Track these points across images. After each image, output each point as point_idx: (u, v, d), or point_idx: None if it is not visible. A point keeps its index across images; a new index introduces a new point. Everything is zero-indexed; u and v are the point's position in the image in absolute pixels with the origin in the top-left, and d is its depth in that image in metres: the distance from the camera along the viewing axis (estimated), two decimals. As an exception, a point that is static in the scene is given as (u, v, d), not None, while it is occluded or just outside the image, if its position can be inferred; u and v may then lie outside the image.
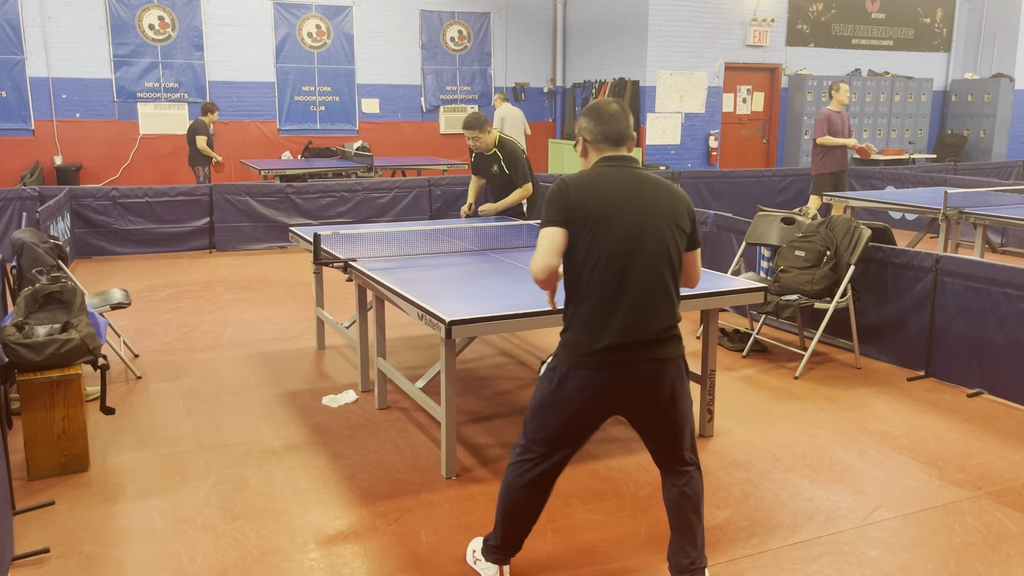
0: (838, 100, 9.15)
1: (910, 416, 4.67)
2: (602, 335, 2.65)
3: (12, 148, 12.56)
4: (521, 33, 15.60)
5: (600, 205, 2.65)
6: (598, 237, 2.63)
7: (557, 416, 2.76)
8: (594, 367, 2.67)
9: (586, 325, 2.68)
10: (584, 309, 2.68)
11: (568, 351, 2.72)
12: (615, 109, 2.79)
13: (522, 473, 2.85)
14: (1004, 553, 3.27)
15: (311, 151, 13.73)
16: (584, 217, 2.64)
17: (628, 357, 2.66)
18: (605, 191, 2.68)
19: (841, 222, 5.55)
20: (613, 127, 2.76)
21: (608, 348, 2.65)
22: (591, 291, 2.66)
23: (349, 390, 5.00)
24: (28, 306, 4.20)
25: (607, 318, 2.65)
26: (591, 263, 2.65)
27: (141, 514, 3.54)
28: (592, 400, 2.72)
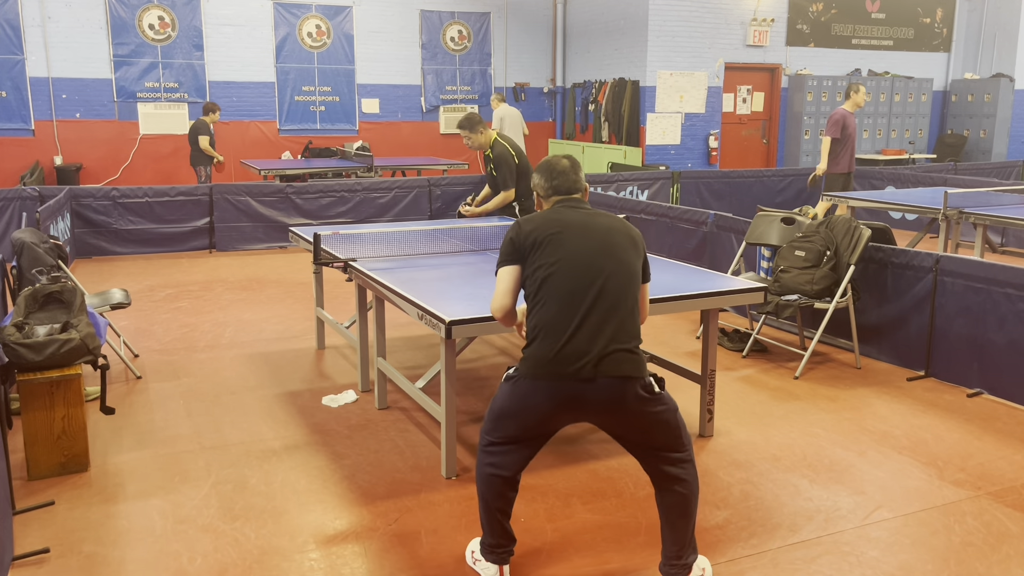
0: (854, 102, 9.13)
1: (910, 416, 4.67)
2: (559, 348, 2.74)
3: (12, 148, 12.56)
4: (521, 33, 15.60)
5: (551, 231, 2.87)
6: (551, 256, 2.82)
7: (516, 422, 2.88)
8: (551, 379, 2.76)
9: (545, 338, 2.78)
10: (542, 323, 2.80)
11: (527, 363, 2.82)
12: (565, 165, 3.07)
13: (489, 463, 2.95)
14: (1004, 553, 3.27)
15: (311, 151, 13.73)
16: (534, 243, 2.86)
17: (585, 372, 2.73)
18: (555, 220, 2.92)
19: (841, 222, 5.55)
20: (563, 182, 3.05)
21: (564, 361, 2.74)
22: (548, 306, 2.80)
23: (349, 390, 5.00)
24: (28, 306, 4.20)
25: (565, 332, 2.75)
26: (546, 280, 2.81)
27: (141, 514, 3.54)
28: (549, 411, 2.82)
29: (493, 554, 3.06)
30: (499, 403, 2.91)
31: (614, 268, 2.83)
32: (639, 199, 9.57)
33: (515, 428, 2.89)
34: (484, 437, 2.98)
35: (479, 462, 2.99)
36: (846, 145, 9.15)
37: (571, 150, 15.15)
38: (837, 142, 9.12)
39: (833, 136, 9.09)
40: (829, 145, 9.13)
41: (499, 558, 3.06)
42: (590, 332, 2.74)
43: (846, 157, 9.20)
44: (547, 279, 2.81)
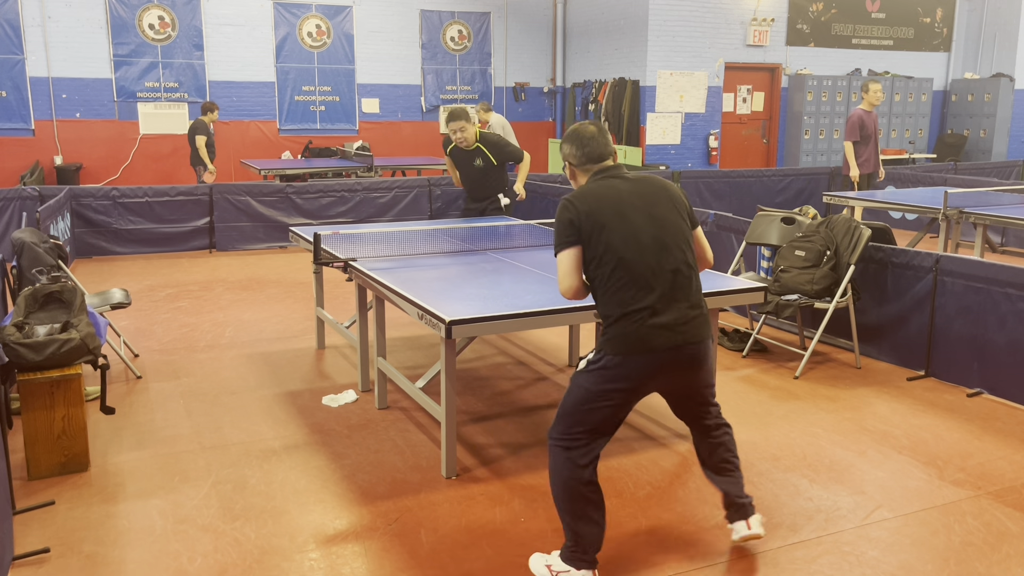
0: (869, 100, 9.07)
1: (910, 416, 4.67)
2: (647, 323, 2.83)
3: (12, 148, 12.56)
4: (521, 33, 15.60)
5: (609, 209, 2.88)
6: (617, 237, 2.85)
7: (605, 406, 2.90)
8: (644, 353, 2.84)
9: (630, 317, 2.83)
10: (622, 303, 2.84)
11: (616, 342, 2.86)
12: (592, 131, 3.06)
13: (577, 459, 2.94)
14: (1004, 553, 3.27)
15: (311, 151, 13.73)
16: (595, 224, 2.86)
17: (675, 339, 2.86)
18: (608, 197, 2.91)
19: (841, 222, 5.55)
20: (594, 148, 3.04)
21: (654, 335, 2.83)
22: (625, 286, 2.84)
23: (349, 390, 5.00)
24: (28, 306, 4.20)
25: (647, 307, 2.83)
26: (617, 262, 2.84)
27: (141, 514, 3.54)
28: (641, 385, 2.91)
29: (586, 560, 2.98)
30: (582, 393, 2.93)
31: (673, 237, 2.91)
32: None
33: (602, 414, 2.92)
34: (563, 439, 2.96)
35: (561, 463, 2.95)
36: (867, 145, 9.09)
37: (571, 150, 15.13)
38: (858, 144, 9.08)
39: (852, 139, 9.06)
40: (851, 149, 9.09)
41: (594, 563, 3.00)
42: (671, 303, 2.86)
43: (869, 157, 9.14)
44: (621, 260, 2.83)
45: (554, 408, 4.78)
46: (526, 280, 4.29)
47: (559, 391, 5.07)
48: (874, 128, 9.11)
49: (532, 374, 5.38)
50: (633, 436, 4.38)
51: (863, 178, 9.19)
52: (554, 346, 5.95)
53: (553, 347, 5.93)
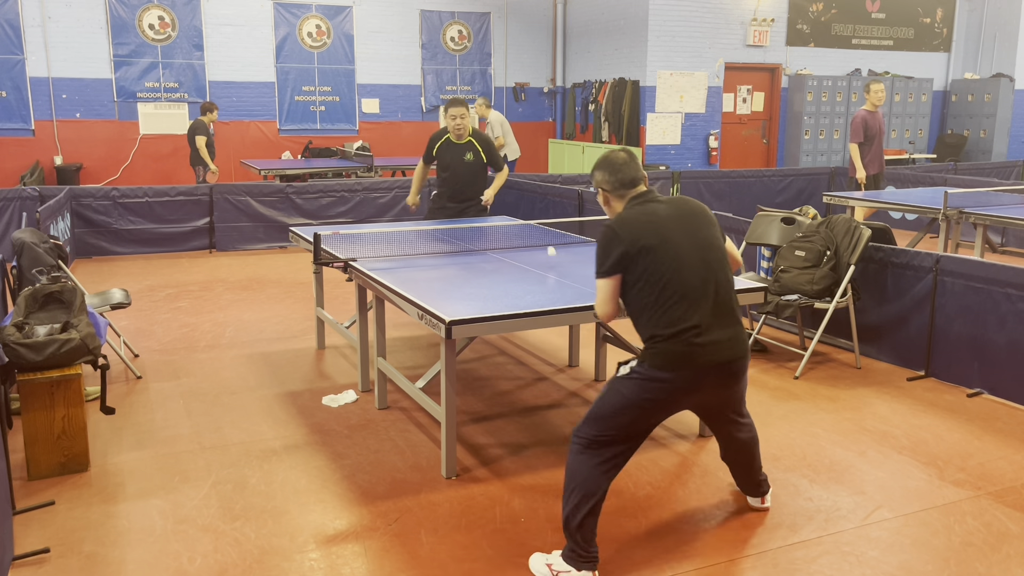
0: (871, 101, 9.04)
1: (910, 416, 4.67)
2: (695, 342, 2.93)
3: (12, 148, 12.56)
4: (521, 33, 15.60)
5: (653, 234, 2.96)
6: (663, 260, 2.94)
7: (639, 415, 3.00)
8: (689, 369, 2.94)
9: (677, 336, 2.92)
10: (671, 322, 2.93)
11: (663, 357, 2.94)
12: (624, 156, 3.15)
13: (600, 462, 3.00)
14: (1004, 553, 3.27)
15: (311, 151, 13.73)
16: (641, 249, 2.94)
17: (719, 357, 2.97)
18: (651, 222, 3.00)
19: (841, 222, 5.55)
20: (627, 174, 3.12)
21: (702, 352, 2.94)
22: (673, 306, 2.93)
23: (349, 390, 5.00)
24: (28, 306, 4.20)
25: (694, 326, 2.93)
26: (665, 284, 2.93)
27: (141, 514, 3.54)
28: (681, 399, 3.03)
29: (589, 559, 3.02)
30: (619, 399, 3.00)
31: (716, 256, 3.04)
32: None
33: (636, 422, 3.00)
34: (591, 441, 3.01)
35: (584, 465, 3.01)
36: (870, 146, 9.06)
37: (571, 150, 15.15)
38: (863, 145, 9.06)
39: (856, 141, 9.05)
40: (856, 150, 9.07)
41: (594, 562, 3.03)
42: (716, 322, 2.97)
43: (872, 158, 9.10)
44: (668, 282, 2.92)
45: (554, 408, 4.78)
46: (526, 280, 4.29)
47: (559, 391, 5.07)
48: (878, 129, 9.08)
49: (532, 374, 5.38)
50: (633, 436, 4.38)
51: (869, 179, 9.16)
52: (554, 346, 5.95)
53: (553, 347, 5.93)
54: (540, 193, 9.83)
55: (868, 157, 9.11)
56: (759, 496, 3.56)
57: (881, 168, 9.23)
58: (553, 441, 4.32)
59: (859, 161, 9.09)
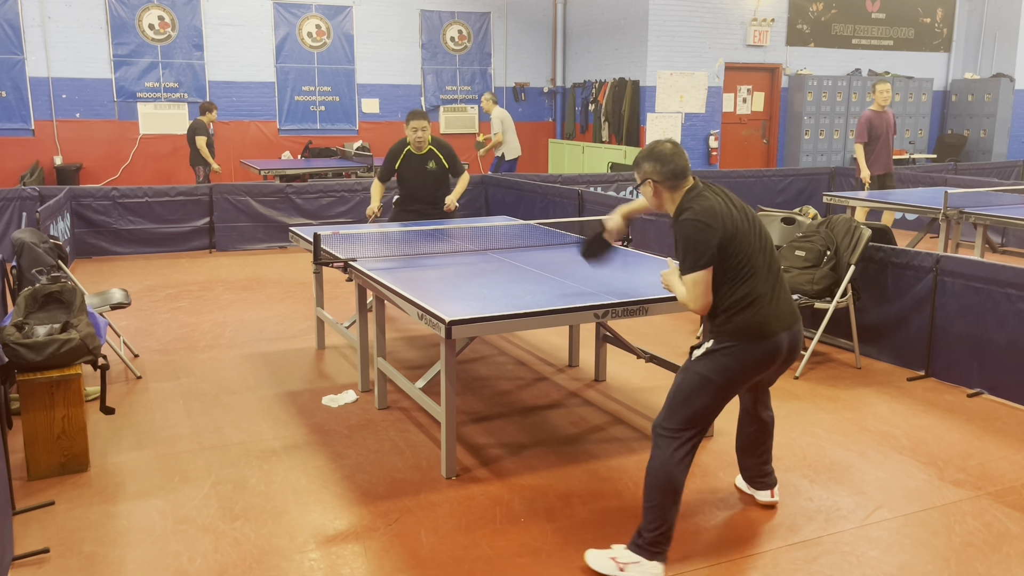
0: (876, 101, 9.01)
1: (910, 416, 4.67)
2: (774, 308, 3.06)
3: (12, 148, 12.56)
4: (521, 33, 15.59)
5: (735, 219, 3.04)
6: (745, 241, 3.03)
7: (722, 391, 3.08)
8: (774, 337, 3.06)
9: (757, 309, 3.03)
10: (749, 297, 3.02)
11: (746, 331, 3.04)
12: (671, 147, 3.17)
13: (685, 454, 3.06)
14: (1004, 553, 3.27)
15: (311, 151, 13.73)
16: (731, 235, 3.01)
17: (793, 321, 3.14)
18: (724, 205, 3.07)
19: (841, 222, 5.55)
20: (678, 164, 3.13)
21: (781, 318, 3.08)
22: (752, 282, 3.04)
23: (349, 390, 5.00)
24: (28, 306, 4.20)
25: (771, 300, 3.06)
26: (746, 260, 3.03)
27: (141, 514, 3.54)
28: (764, 367, 3.12)
29: (661, 551, 3.05)
30: (698, 380, 3.07)
31: (769, 237, 3.16)
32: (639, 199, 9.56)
33: (717, 399, 3.08)
34: (678, 432, 3.06)
35: (666, 460, 3.05)
36: (875, 147, 9.02)
37: (571, 150, 15.15)
38: (868, 145, 9.03)
39: (860, 141, 9.03)
40: (861, 151, 9.05)
41: (664, 553, 3.07)
42: (784, 290, 3.13)
43: (877, 159, 9.05)
44: (746, 260, 3.02)
45: (554, 408, 4.79)
46: (526, 280, 4.29)
47: (559, 391, 5.07)
48: (885, 129, 9.01)
49: (532, 374, 5.38)
50: (633, 436, 4.38)
51: (875, 179, 9.13)
52: (554, 346, 5.95)
53: (553, 347, 5.93)
54: (540, 193, 9.83)
55: (873, 157, 9.09)
56: (768, 488, 3.60)
57: (887, 169, 9.15)
58: (553, 441, 4.32)
59: (863, 161, 9.08)
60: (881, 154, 9.11)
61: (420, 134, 6.36)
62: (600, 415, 4.69)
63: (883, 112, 9.04)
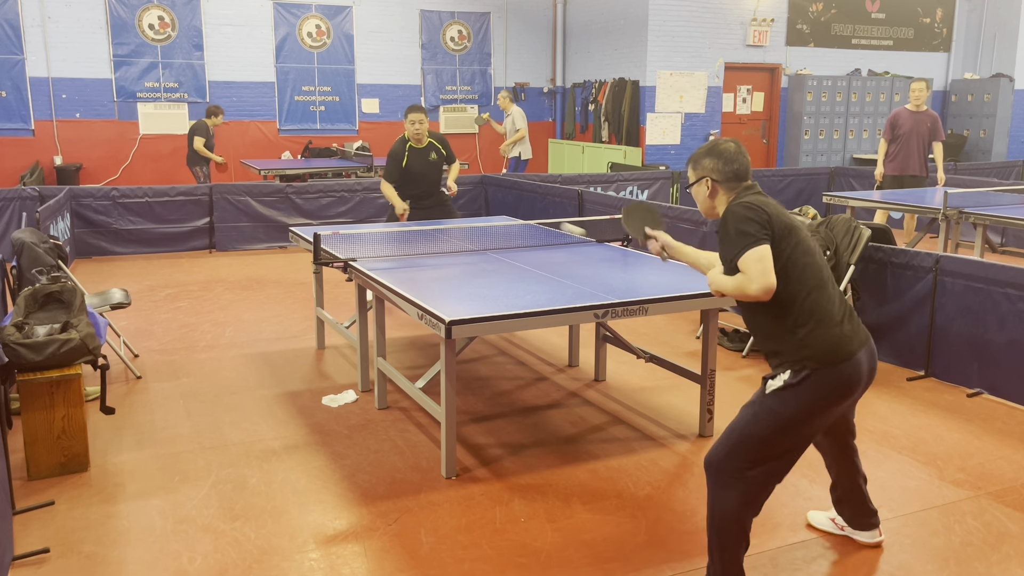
0: (911, 100, 8.89)
1: (910, 416, 4.67)
2: (851, 329, 2.77)
3: (12, 148, 12.55)
4: (521, 33, 15.59)
5: (788, 216, 2.81)
6: (803, 243, 2.77)
7: (809, 429, 2.80)
8: (853, 358, 2.74)
9: (831, 325, 2.74)
10: (820, 311, 2.73)
11: (825, 351, 2.71)
12: (735, 147, 2.94)
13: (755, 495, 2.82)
14: (1004, 553, 3.27)
15: (311, 151, 13.73)
16: (784, 228, 2.74)
17: (869, 342, 2.84)
18: (779, 207, 2.84)
19: (841, 222, 5.55)
20: (742, 165, 2.91)
21: (853, 337, 2.77)
22: (821, 294, 2.75)
23: (349, 390, 5.00)
24: (28, 306, 4.20)
25: (841, 317, 2.77)
26: (804, 267, 2.74)
27: (141, 514, 3.54)
28: (847, 395, 2.79)
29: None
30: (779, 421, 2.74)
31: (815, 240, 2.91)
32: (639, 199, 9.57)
33: (801, 442, 2.82)
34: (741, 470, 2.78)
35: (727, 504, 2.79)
36: (898, 145, 8.89)
37: (571, 150, 15.15)
38: (892, 143, 8.94)
39: (885, 138, 8.99)
40: (882, 147, 8.99)
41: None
42: (850, 313, 2.83)
43: (895, 159, 8.93)
44: (808, 267, 2.74)
45: (554, 408, 4.78)
46: (526, 280, 4.29)
47: (559, 391, 5.07)
48: (910, 129, 8.80)
49: (532, 374, 5.38)
50: (633, 436, 4.38)
51: (888, 179, 9.03)
52: (554, 346, 5.95)
53: (553, 347, 5.93)
54: (540, 193, 9.83)
55: (890, 156, 9.00)
56: (874, 528, 3.29)
57: (903, 171, 8.91)
58: (553, 441, 4.32)
59: (881, 157, 9.03)
60: (899, 155, 8.95)
61: (419, 127, 6.54)
62: (600, 415, 4.69)
63: (916, 112, 8.82)
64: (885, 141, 9.03)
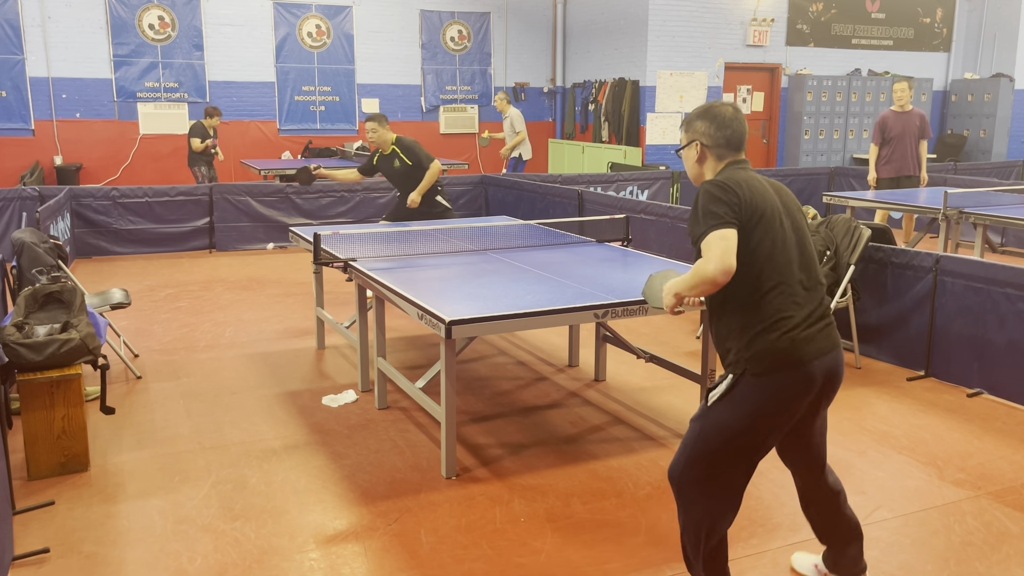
0: (895, 101, 8.83)
1: (910, 416, 4.67)
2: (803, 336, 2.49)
3: (12, 148, 12.55)
4: (521, 33, 15.59)
5: (763, 202, 2.52)
6: (768, 233, 2.50)
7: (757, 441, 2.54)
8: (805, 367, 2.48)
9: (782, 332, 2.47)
10: (772, 317, 2.48)
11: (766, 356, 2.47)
12: (731, 112, 2.66)
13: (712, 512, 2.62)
14: (1004, 553, 3.27)
15: (311, 151, 13.73)
16: (754, 214, 2.49)
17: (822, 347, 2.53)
18: (762, 188, 2.57)
19: (841, 222, 5.55)
20: (736, 132, 2.64)
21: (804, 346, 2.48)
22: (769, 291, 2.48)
23: (349, 390, 5.00)
24: (28, 306, 4.20)
25: (802, 321, 2.50)
26: (763, 263, 2.48)
27: (141, 514, 3.54)
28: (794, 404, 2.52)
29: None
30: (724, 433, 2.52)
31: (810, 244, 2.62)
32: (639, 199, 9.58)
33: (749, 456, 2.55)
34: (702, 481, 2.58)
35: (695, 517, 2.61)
36: (890, 147, 8.83)
37: (571, 150, 15.15)
38: (883, 147, 8.89)
39: (874, 142, 8.95)
40: (873, 151, 8.96)
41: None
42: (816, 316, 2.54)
43: (889, 161, 8.86)
44: (768, 262, 2.48)
45: (554, 408, 4.79)
46: (526, 280, 4.29)
47: (559, 391, 5.07)
48: (901, 130, 8.73)
49: (532, 374, 5.38)
50: (633, 436, 4.38)
51: (884, 182, 8.98)
52: (554, 346, 5.95)
53: (553, 347, 5.93)
54: (540, 193, 9.83)
55: (884, 159, 8.95)
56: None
57: (900, 172, 8.85)
58: (553, 441, 4.32)
59: (872, 161, 9.02)
60: (893, 156, 8.89)
61: (372, 135, 6.87)
62: (600, 415, 4.69)
63: (903, 112, 8.77)
64: (875, 145, 8.97)
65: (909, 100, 8.81)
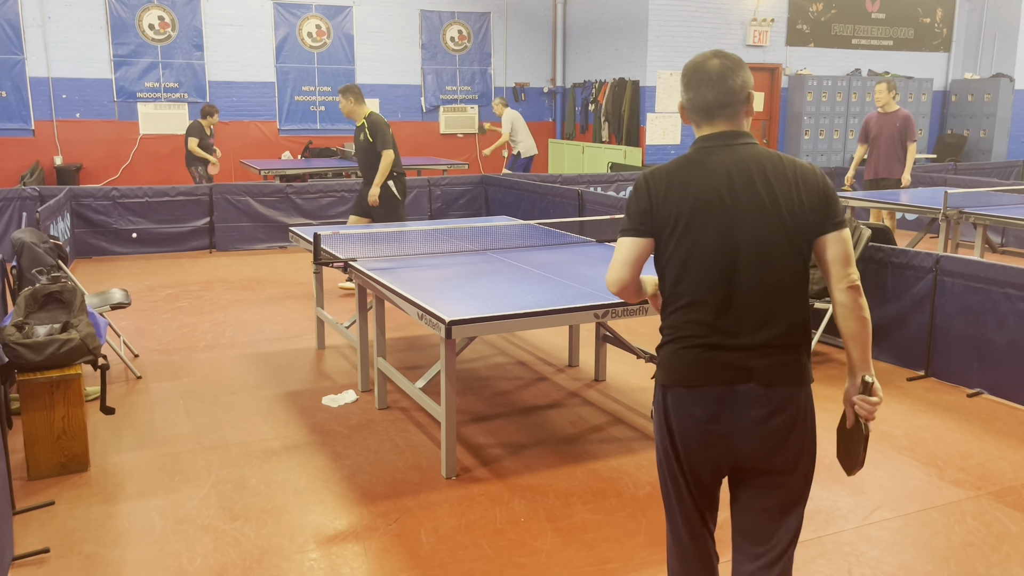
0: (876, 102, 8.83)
1: (910, 416, 4.67)
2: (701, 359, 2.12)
3: (12, 148, 12.56)
4: (521, 33, 15.59)
5: (689, 209, 2.09)
6: (688, 238, 2.10)
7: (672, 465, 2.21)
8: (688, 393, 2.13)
9: (684, 347, 2.15)
10: (679, 331, 2.16)
11: (662, 371, 2.21)
12: (715, 67, 2.12)
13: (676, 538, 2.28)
14: (1004, 553, 3.27)
15: (311, 151, 13.73)
16: (667, 224, 2.11)
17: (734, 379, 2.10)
18: (692, 191, 2.09)
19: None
20: (703, 96, 2.12)
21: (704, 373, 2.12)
22: (686, 314, 2.15)
23: (349, 390, 5.00)
24: (28, 306, 4.20)
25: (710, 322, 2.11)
26: (683, 269, 2.12)
27: (141, 514, 3.54)
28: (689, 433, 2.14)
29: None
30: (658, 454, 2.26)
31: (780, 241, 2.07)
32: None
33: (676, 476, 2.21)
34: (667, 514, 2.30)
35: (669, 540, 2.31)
36: (872, 148, 8.84)
37: (571, 150, 15.15)
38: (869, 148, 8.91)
39: (859, 142, 8.98)
40: (858, 152, 8.99)
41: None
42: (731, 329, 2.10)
43: (871, 162, 8.88)
44: (684, 270, 2.12)
45: (554, 408, 4.79)
46: (526, 280, 4.29)
47: (559, 391, 5.07)
48: (879, 131, 8.75)
49: (532, 374, 5.38)
50: (633, 436, 4.38)
51: (867, 183, 8.95)
52: (554, 346, 5.95)
53: (553, 347, 5.93)
54: (540, 193, 9.83)
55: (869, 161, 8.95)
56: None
57: (877, 174, 8.85)
58: (553, 441, 4.32)
59: (856, 161, 9.05)
60: (870, 158, 8.90)
61: (341, 104, 7.04)
62: (600, 415, 4.69)
63: (885, 113, 8.76)
64: (860, 145, 9.01)
65: (890, 101, 8.73)
